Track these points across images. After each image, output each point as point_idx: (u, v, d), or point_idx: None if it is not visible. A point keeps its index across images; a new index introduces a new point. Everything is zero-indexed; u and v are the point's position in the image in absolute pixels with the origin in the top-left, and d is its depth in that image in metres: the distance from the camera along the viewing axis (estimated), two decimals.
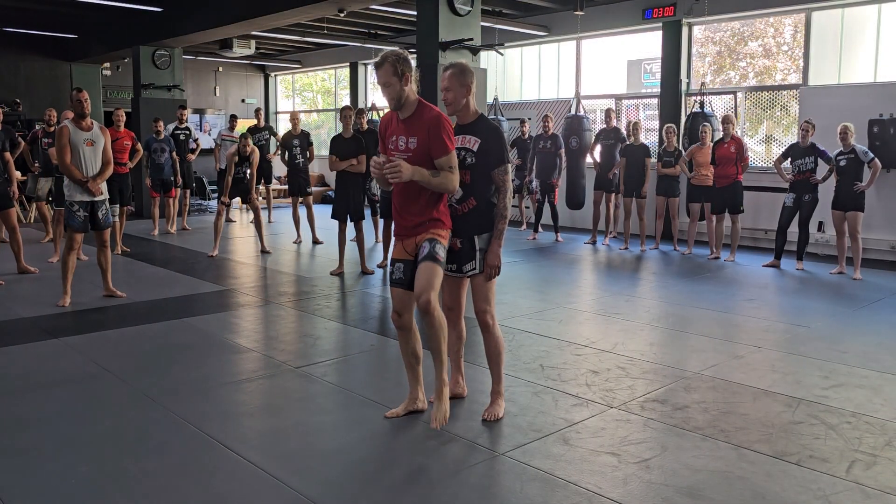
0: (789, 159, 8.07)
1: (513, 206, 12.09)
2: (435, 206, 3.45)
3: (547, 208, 10.47)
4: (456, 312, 3.81)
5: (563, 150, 10.15)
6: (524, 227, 11.56)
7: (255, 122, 12.46)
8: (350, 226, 7.78)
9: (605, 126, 10.07)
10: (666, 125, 9.53)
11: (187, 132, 11.52)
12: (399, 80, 3.34)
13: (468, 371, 4.33)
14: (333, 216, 7.70)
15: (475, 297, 3.68)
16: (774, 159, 8.51)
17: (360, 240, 7.83)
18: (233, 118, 12.41)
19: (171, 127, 11.37)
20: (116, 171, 8.68)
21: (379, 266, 8.12)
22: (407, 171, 3.28)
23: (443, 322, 3.43)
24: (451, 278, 3.70)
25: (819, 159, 7.89)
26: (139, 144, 9.31)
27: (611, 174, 9.85)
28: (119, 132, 8.78)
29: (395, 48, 3.50)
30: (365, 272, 7.78)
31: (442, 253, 3.38)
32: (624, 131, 9.97)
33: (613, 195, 10.19)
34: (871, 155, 7.58)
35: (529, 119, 11.59)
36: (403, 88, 3.37)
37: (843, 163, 7.64)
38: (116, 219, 9.01)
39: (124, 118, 8.98)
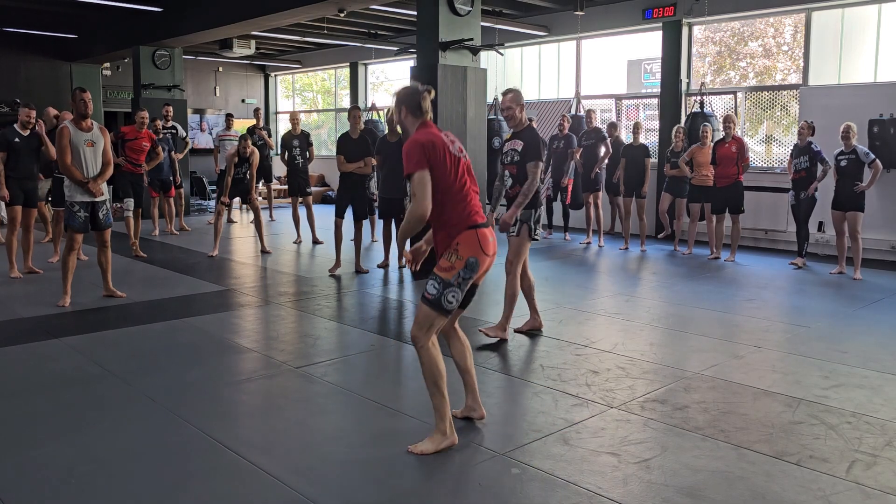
0: (793, 160, 8.12)
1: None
2: (441, 230, 3.37)
3: (557, 207, 10.49)
4: (522, 268, 5.24)
5: (573, 150, 10.15)
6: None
7: (254, 122, 12.45)
8: (348, 226, 7.79)
9: (585, 127, 10.09)
10: (676, 126, 9.53)
11: (174, 131, 11.46)
12: (398, 112, 3.45)
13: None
14: (337, 214, 7.71)
15: (508, 250, 5.16)
16: (787, 160, 8.49)
17: (358, 239, 7.83)
18: (228, 117, 12.38)
19: (159, 125, 11.32)
20: (131, 171, 8.79)
21: (379, 266, 8.12)
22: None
23: (431, 359, 3.31)
24: (512, 239, 5.17)
25: (816, 160, 7.91)
26: (159, 148, 9.37)
27: (593, 174, 9.82)
28: (140, 132, 8.89)
29: (412, 86, 3.47)
30: (359, 271, 7.78)
31: (433, 290, 3.28)
32: (614, 132, 9.98)
33: (599, 194, 10.09)
34: (873, 156, 7.58)
35: (535, 119, 11.58)
36: (402, 119, 3.44)
37: (843, 163, 7.63)
38: (130, 214, 8.97)
39: (147, 120, 9.08)
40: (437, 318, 3.29)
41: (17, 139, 7.21)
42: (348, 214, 7.77)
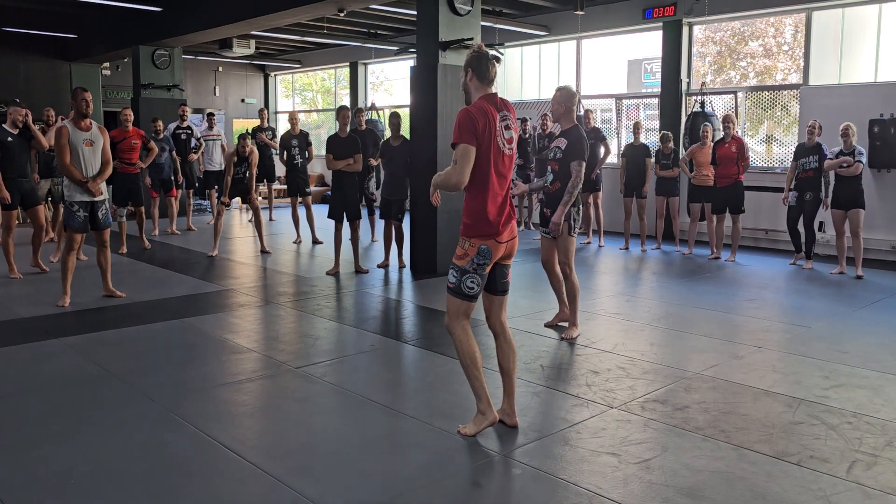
0: (798, 159, 8.09)
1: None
2: (465, 215, 3.41)
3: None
4: (550, 264, 5.48)
5: None
6: (521, 227, 11.55)
7: (258, 122, 12.44)
8: (345, 227, 7.79)
9: (584, 127, 9.99)
10: (662, 132, 9.54)
11: (189, 131, 11.45)
12: (465, 74, 3.45)
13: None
14: (330, 216, 7.72)
15: (558, 252, 5.32)
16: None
17: (354, 239, 7.83)
18: (210, 116, 12.36)
19: (172, 126, 11.32)
20: (126, 171, 8.81)
21: (379, 266, 8.12)
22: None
23: (461, 344, 3.41)
24: (545, 239, 5.41)
25: (821, 160, 7.89)
26: (152, 143, 9.37)
27: (593, 174, 9.74)
28: (127, 132, 8.84)
29: (482, 51, 3.47)
30: (359, 271, 7.78)
31: (453, 279, 3.40)
32: (620, 131, 9.95)
33: (599, 194, 10.02)
34: (863, 159, 7.54)
35: (530, 119, 11.58)
36: (466, 82, 3.45)
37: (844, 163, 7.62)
38: (124, 220, 9.09)
39: (132, 117, 9.04)
40: (462, 304, 3.40)
41: (9, 138, 7.21)
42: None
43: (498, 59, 3.49)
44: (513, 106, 3.52)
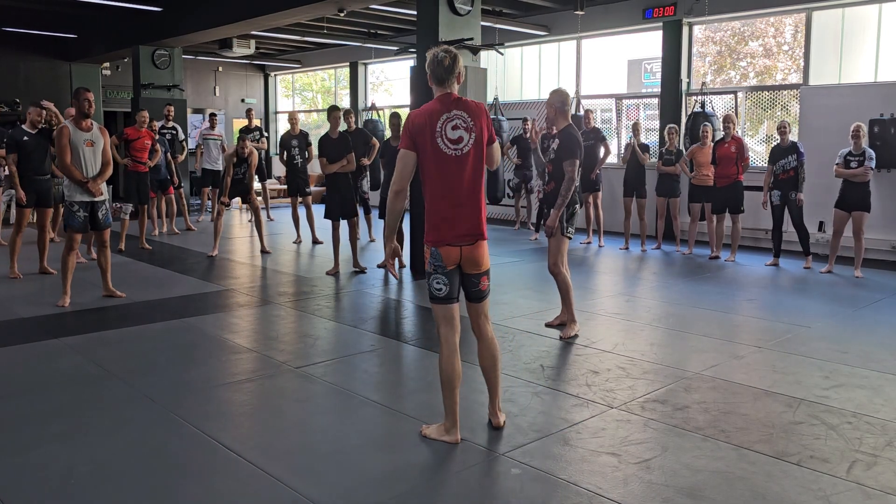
0: (776, 161, 8.11)
1: (510, 205, 12.12)
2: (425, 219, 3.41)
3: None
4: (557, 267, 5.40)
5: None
6: (517, 226, 11.55)
7: (246, 122, 12.42)
8: (344, 226, 7.80)
9: (584, 127, 9.97)
10: (668, 126, 9.53)
11: (174, 132, 11.42)
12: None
13: (472, 373, 4.33)
14: (326, 216, 7.74)
15: (548, 253, 5.35)
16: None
17: (353, 238, 7.85)
18: (212, 116, 12.35)
19: (157, 125, 11.30)
20: (137, 169, 9.12)
21: (379, 266, 8.12)
22: None
23: (441, 355, 3.38)
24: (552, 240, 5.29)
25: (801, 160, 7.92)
26: (158, 146, 9.63)
27: (593, 175, 9.70)
28: (141, 132, 9.17)
29: (438, 52, 3.36)
30: (357, 270, 7.78)
31: (427, 284, 3.40)
32: (621, 132, 9.95)
33: (599, 195, 9.99)
34: (872, 163, 7.55)
35: (533, 119, 11.57)
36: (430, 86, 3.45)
37: (853, 164, 7.61)
38: (127, 217, 9.24)
39: (148, 119, 9.33)
40: (439, 308, 3.39)
41: (25, 137, 7.24)
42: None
43: (455, 60, 3.29)
44: (477, 104, 3.35)
